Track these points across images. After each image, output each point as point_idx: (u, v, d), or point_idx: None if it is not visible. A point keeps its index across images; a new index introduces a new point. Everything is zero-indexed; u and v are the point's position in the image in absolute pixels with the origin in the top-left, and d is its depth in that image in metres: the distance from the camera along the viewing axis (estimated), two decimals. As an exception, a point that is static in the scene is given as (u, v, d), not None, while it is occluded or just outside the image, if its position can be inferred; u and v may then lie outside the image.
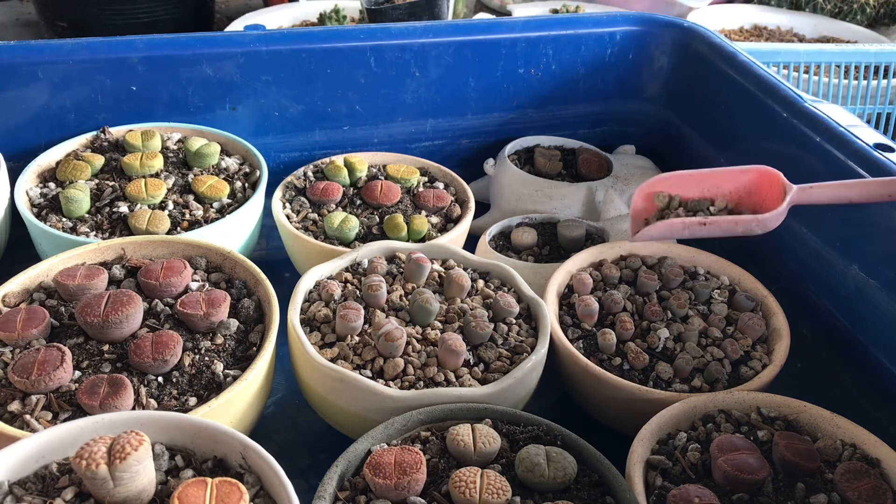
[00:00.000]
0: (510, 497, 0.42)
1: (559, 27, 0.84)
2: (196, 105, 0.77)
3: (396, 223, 0.66)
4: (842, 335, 0.64)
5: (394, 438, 0.47)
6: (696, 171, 0.54)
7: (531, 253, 0.70)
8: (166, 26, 1.27)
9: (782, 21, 1.48)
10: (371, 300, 0.55)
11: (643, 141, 0.91)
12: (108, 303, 0.50)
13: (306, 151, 0.83)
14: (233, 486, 0.38)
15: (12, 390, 0.47)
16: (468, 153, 0.89)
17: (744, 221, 0.51)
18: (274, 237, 0.74)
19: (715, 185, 0.54)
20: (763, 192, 0.53)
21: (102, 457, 0.36)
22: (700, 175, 0.54)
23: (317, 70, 0.78)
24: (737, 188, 0.54)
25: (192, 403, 0.48)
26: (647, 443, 0.48)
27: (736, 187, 0.54)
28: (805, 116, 0.69)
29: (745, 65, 0.77)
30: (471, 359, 0.53)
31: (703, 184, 0.54)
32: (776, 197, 0.52)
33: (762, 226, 0.51)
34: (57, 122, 0.74)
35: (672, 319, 0.60)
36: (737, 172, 0.54)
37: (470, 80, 0.84)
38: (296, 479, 0.41)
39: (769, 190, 0.53)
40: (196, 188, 0.68)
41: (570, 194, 0.78)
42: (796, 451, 0.47)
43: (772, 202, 0.53)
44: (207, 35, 0.76)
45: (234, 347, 0.52)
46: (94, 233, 0.63)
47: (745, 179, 0.54)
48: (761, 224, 0.51)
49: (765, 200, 0.53)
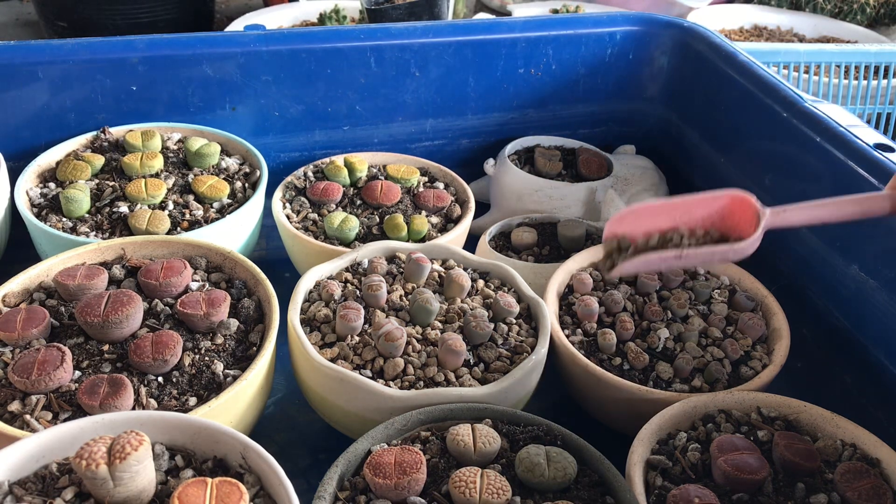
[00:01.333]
0: (510, 497, 0.42)
1: (559, 27, 0.84)
2: (196, 105, 0.77)
3: (396, 223, 0.66)
4: (842, 335, 0.64)
5: (394, 438, 0.47)
6: (666, 201, 0.53)
7: (531, 253, 0.70)
8: (166, 26, 1.27)
9: (782, 21, 1.48)
10: (371, 300, 0.55)
11: (643, 141, 0.91)
12: (108, 303, 0.50)
13: (306, 151, 0.83)
14: (233, 486, 0.38)
15: (12, 390, 0.47)
16: (468, 153, 0.89)
17: (720, 252, 0.51)
18: (274, 237, 0.74)
19: (686, 213, 0.54)
20: (736, 217, 0.53)
21: (102, 457, 0.36)
22: (670, 204, 0.53)
23: (317, 70, 0.78)
24: (709, 214, 0.54)
25: (192, 403, 0.48)
26: (647, 443, 0.48)
27: (708, 213, 0.54)
28: (805, 116, 0.69)
29: (745, 65, 0.77)
30: (471, 359, 0.53)
31: (674, 212, 0.54)
32: (749, 221, 0.52)
33: (738, 254, 0.51)
34: (57, 122, 0.74)
35: (672, 319, 0.60)
36: (708, 199, 0.53)
37: (470, 80, 0.84)
38: (296, 479, 0.41)
39: (742, 214, 0.53)
40: (196, 188, 0.68)
41: (570, 194, 0.78)
42: (796, 451, 0.47)
43: (745, 226, 0.53)
44: (207, 35, 0.76)
45: (234, 347, 0.52)
46: (94, 233, 0.63)
47: (717, 205, 0.53)
48: (738, 253, 0.51)
49: (738, 224, 0.53)
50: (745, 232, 0.52)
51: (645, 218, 0.54)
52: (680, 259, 0.51)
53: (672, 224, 0.54)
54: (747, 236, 0.51)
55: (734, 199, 0.53)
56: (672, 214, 0.54)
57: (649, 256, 0.51)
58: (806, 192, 0.68)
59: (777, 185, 0.72)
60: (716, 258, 0.52)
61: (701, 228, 0.54)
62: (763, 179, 0.73)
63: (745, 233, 0.52)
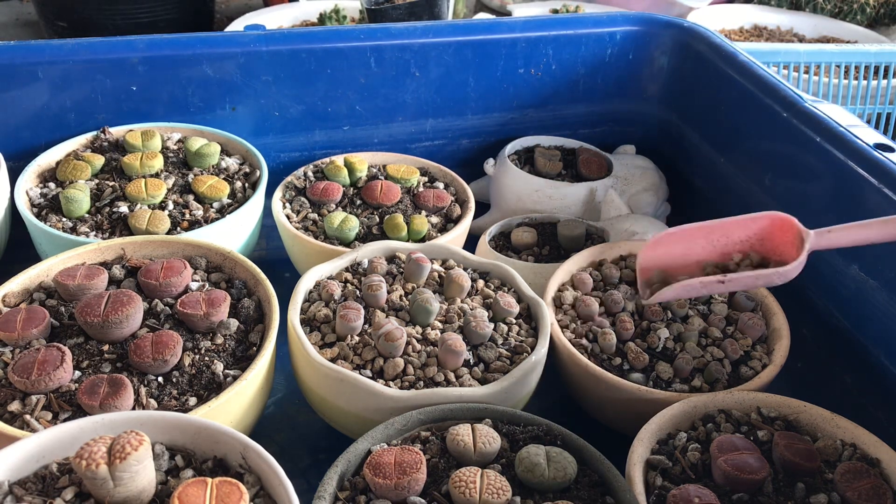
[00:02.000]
0: (510, 497, 0.42)
1: (559, 27, 0.84)
2: (196, 105, 0.77)
3: (396, 223, 0.66)
4: (842, 335, 0.64)
5: (394, 438, 0.47)
6: (704, 223, 0.52)
7: (531, 253, 0.70)
8: (166, 26, 1.27)
9: (782, 21, 1.48)
10: (371, 300, 0.55)
11: (643, 141, 0.91)
12: (108, 303, 0.50)
13: (306, 151, 0.83)
14: (233, 486, 0.38)
15: (12, 390, 0.47)
16: (468, 153, 0.89)
17: (764, 276, 0.49)
18: (274, 237, 0.74)
19: (724, 235, 0.52)
20: (776, 239, 0.51)
21: (102, 457, 0.36)
22: (708, 227, 0.52)
23: (317, 70, 0.78)
24: (748, 236, 0.52)
25: (192, 403, 0.48)
26: (647, 443, 0.48)
27: (747, 235, 0.52)
28: (805, 116, 0.69)
29: (745, 65, 0.77)
30: (471, 359, 0.53)
31: (712, 235, 0.52)
32: (791, 243, 0.50)
33: (783, 278, 0.49)
34: (57, 122, 0.74)
35: (672, 319, 0.60)
36: (747, 220, 0.52)
37: (470, 80, 0.84)
38: (296, 479, 0.41)
39: (782, 236, 0.51)
40: (196, 188, 0.68)
41: (570, 194, 0.78)
42: (796, 451, 0.47)
43: (787, 248, 0.51)
44: (207, 35, 0.76)
45: (234, 347, 0.52)
46: (94, 233, 0.63)
47: (756, 227, 0.52)
48: (782, 276, 0.49)
49: (778, 247, 0.51)
50: (787, 254, 0.50)
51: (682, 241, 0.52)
52: (723, 284, 0.50)
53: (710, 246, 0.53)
54: (789, 259, 0.50)
55: (775, 220, 0.51)
56: (710, 237, 0.52)
57: (691, 282, 0.50)
58: (806, 193, 0.68)
59: (777, 185, 0.72)
60: (759, 283, 0.50)
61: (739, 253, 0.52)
62: (763, 179, 0.73)
63: (787, 255, 0.50)
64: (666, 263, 0.54)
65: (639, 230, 0.72)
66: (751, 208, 0.74)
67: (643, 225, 0.73)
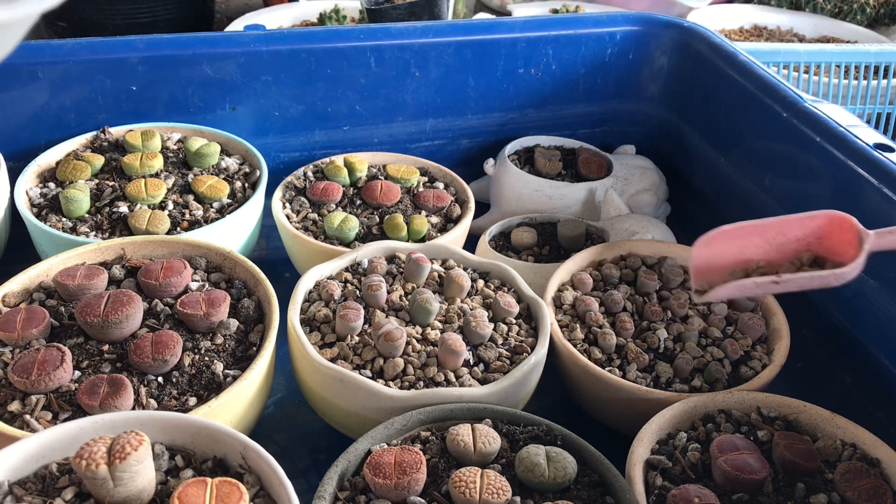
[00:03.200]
0: (510, 497, 0.42)
1: (559, 27, 0.84)
2: (196, 105, 0.77)
3: (396, 223, 0.66)
4: (842, 335, 0.64)
5: (394, 438, 0.47)
6: (759, 221, 0.51)
7: (531, 253, 0.70)
8: (166, 26, 1.27)
9: (782, 21, 1.48)
10: (371, 300, 0.55)
11: (643, 141, 0.91)
12: (108, 303, 0.50)
13: (306, 151, 0.83)
14: (233, 486, 0.38)
15: (12, 390, 0.47)
16: (468, 153, 0.89)
17: (820, 277, 0.48)
18: (274, 237, 0.74)
19: (780, 233, 0.51)
20: (833, 238, 0.50)
21: (102, 457, 0.36)
22: (763, 224, 0.51)
23: (317, 70, 0.78)
24: (805, 234, 0.51)
25: (192, 403, 0.48)
26: (647, 443, 0.48)
27: (804, 233, 0.51)
28: (805, 116, 0.69)
29: (745, 65, 0.77)
30: (471, 359, 0.53)
31: (767, 233, 0.51)
32: (849, 243, 0.49)
33: (840, 279, 0.48)
34: (57, 122, 0.74)
35: (672, 319, 0.60)
36: (804, 219, 0.51)
37: (470, 80, 0.84)
38: (296, 479, 0.41)
39: (840, 236, 0.50)
40: (196, 188, 0.68)
41: (570, 194, 0.78)
42: (796, 451, 0.47)
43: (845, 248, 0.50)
44: (207, 35, 0.76)
45: (234, 347, 0.52)
46: (94, 233, 0.63)
47: (814, 225, 0.51)
48: (839, 278, 0.48)
49: (836, 246, 0.50)
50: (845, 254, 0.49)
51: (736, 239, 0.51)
52: (777, 285, 0.49)
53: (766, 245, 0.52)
54: (847, 259, 0.49)
55: (833, 218, 0.50)
56: (765, 235, 0.51)
57: (745, 282, 0.49)
58: (806, 193, 0.68)
59: (777, 185, 0.72)
60: (815, 284, 0.49)
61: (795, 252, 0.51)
62: (763, 179, 0.73)
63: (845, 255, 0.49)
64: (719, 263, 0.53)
65: (639, 230, 0.72)
66: (751, 208, 0.74)
67: (643, 225, 0.73)
